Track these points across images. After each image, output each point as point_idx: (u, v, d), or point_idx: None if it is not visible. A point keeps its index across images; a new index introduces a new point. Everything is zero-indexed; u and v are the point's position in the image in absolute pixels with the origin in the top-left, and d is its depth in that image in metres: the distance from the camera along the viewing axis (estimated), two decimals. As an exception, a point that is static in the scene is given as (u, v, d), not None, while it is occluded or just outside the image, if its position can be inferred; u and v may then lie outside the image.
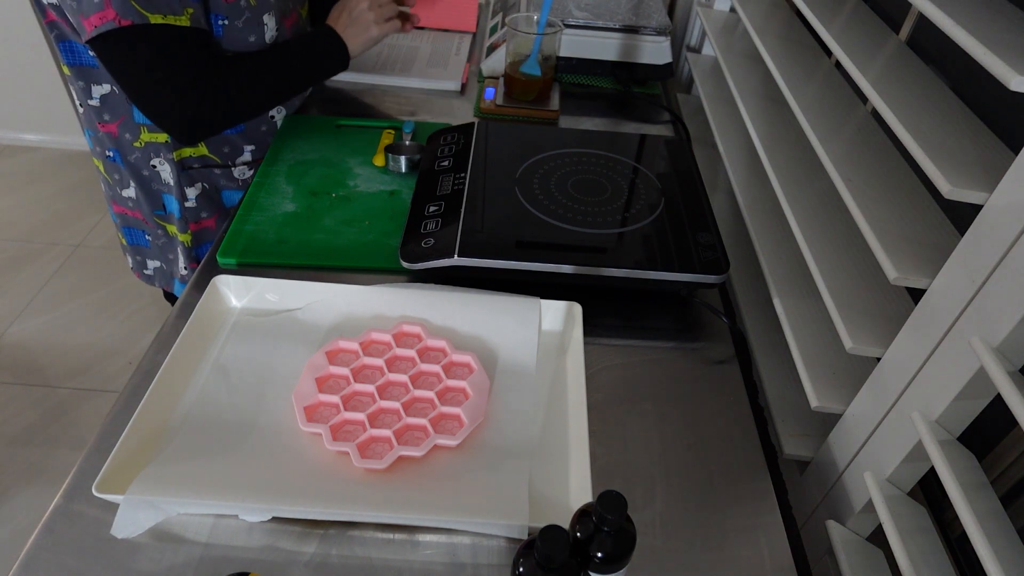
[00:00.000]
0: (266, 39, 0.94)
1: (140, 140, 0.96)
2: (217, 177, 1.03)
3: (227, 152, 1.02)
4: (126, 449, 0.57)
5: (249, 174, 1.05)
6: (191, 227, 1.04)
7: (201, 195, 1.03)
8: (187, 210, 1.03)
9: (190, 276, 1.01)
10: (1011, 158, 0.50)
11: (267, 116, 1.04)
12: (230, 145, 1.02)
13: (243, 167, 1.05)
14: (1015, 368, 0.47)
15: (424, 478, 0.58)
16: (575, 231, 0.80)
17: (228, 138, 1.01)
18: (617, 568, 0.47)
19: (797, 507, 0.71)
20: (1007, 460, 0.60)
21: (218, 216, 1.06)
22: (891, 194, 0.62)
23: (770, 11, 0.97)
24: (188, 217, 1.03)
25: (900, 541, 0.54)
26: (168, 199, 1.03)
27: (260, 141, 1.05)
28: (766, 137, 0.84)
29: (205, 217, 1.05)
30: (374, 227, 0.86)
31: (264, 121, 1.04)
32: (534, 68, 1.11)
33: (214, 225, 1.06)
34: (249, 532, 0.56)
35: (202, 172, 1.02)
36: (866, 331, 0.60)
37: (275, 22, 0.95)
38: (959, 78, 0.68)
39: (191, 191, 1.02)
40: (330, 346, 0.67)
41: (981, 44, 0.48)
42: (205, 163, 1.01)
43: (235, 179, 1.05)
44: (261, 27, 0.93)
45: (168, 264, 1.10)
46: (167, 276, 1.12)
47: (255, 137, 1.04)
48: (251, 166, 1.05)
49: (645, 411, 0.68)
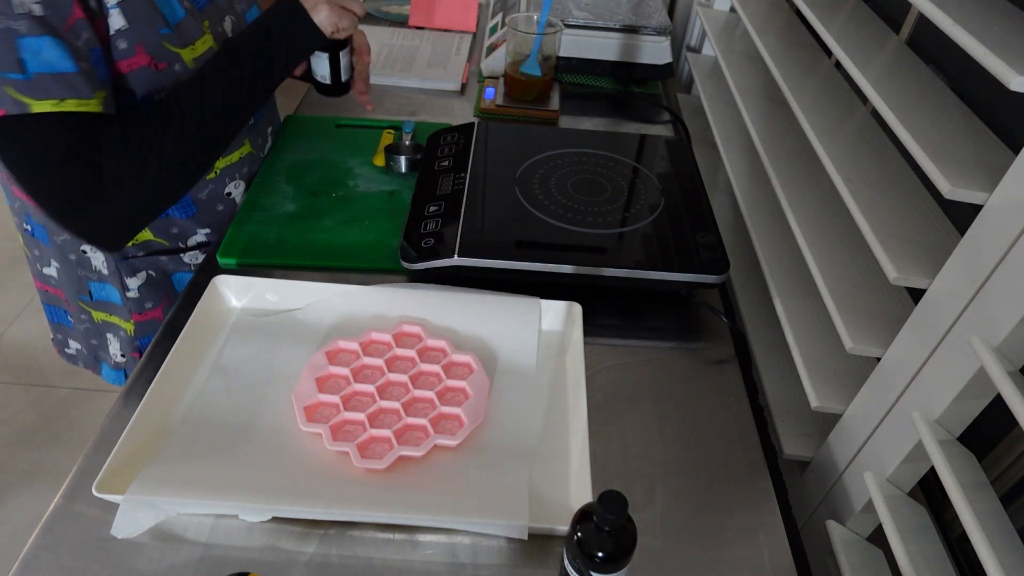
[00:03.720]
0: None
1: None
2: (165, 263, 0.87)
3: (176, 234, 0.85)
4: (126, 449, 0.57)
5: (202, 258, 0.84)
6: (135, 317, 0.88)
7: (145, 284, 0.87)
8: (129, 300, 0.87)
9: (129, 366, 0.91)
10: (1011, 158, 0.50)
11: (222, 194, 0.87)
12: (179, 227, 0.85)
13: (195, 251, 0.88)
14: (1015, 368, 0.47)
15: (424, 478, 0.58)
16: (575, 231, 0.80)
17: (176, 221, 0.84)
18: (618, 568, 0.47)
19: (797, 507, 0.71)
20: (1007, 460, 0.60)
21: (166, 304, 0.89)
22: (891, 194, 0.62)
23: (770, 11, 0.97)
24: (131, 308, 0.88)
25: (900, 541, 0.54)
26: (96, 287, 0.87)
27: (216, 223, 0.87)
28: (766, 137, 0.84)
29: (150, 308, 0.88)
30: (374, 227, 0.86)
31: (219, 199, 0.87)
32: (534, 68, 1.11)
33: (161, 315, 0.89)
34: (249, 532, 0.56)
35: (146, 260, 0.86)
36: (866, 331, 0.60)
37: None
38: (959, 78, 0.68)
39: (133, 280, 0.86)
40: (330, 346, 0.67)
41: (981, 44, 0.48)
42: (150, 249, 0.85)
43: (186, 264, 0.88)
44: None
45: (92, 349, 0.95)
46: (91, 359, 0.97)
47: (210, 219, 0.87)
48: (204, 249, 0.88)
49: (645, 411, 0.68)
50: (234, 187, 0.89)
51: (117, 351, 0.93)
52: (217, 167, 0.85)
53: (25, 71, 0.62)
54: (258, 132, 0.93)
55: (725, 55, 1.04)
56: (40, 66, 0.63)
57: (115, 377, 0.96)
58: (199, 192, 0.85)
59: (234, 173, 0.88)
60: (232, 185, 0.89)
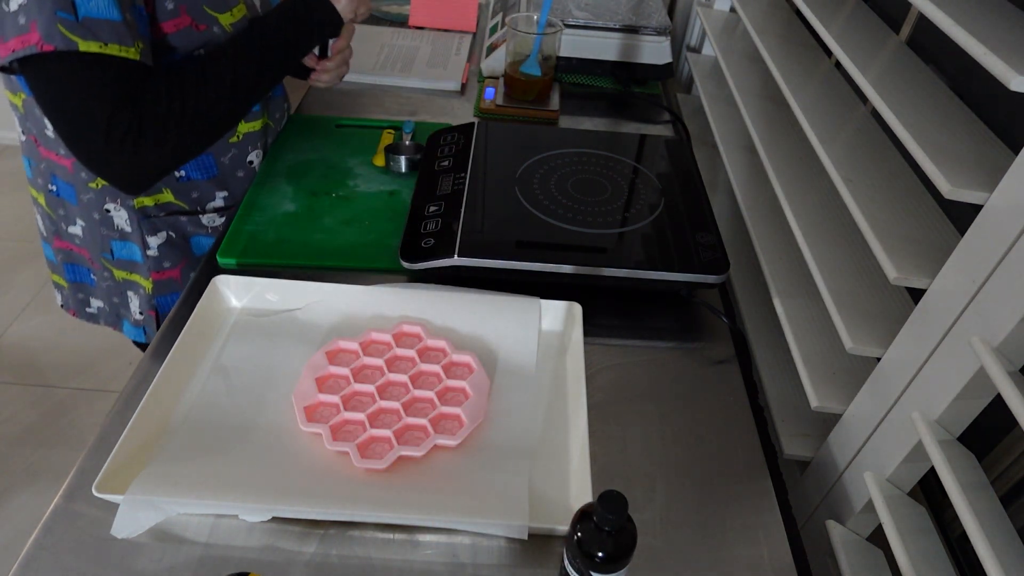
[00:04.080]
0: None
1: (97, 182, 0.86)
2: (184, 224, 0.92)
3: (195, 198, 0.91)
4: (126, 449, 0.57)
5: (220, 221, 0.94)
6: (153, 276, 0.93)
7: (165, 244, 0.92)
8: (149, 259, 0.92)
9: (147, 323, 0.96)
10: (1011, 158, 0.50)
11: (244, 161, 0.93)
12: (199, 191, 0.91)
13: (213, 214, 0.94)
14: (1015, 368, 0.47)
15: (424, 478, 0.58)
16: (575, 231, 0.80)
17: (197, 184, 0.90)
18: (618, 568, 0.47)
19: (797, 507, 0.71)
20: (1007, 460, 0.60)
21: (184, 265, 0.95)
22: (891, 194, 0.62)
23: (770, 11, 0.97)
24: (150, 266, 0.92)
25: (900, 541, 0.54)
26: (118, 245, 0.92)
27: (235, 188, 0.94)
28: (766, 137, 0.84)
29: (168, 267, 0.93)
30: (374, 227, 0.86)
31: (240, 165, 0.93)
32: (534, 68, 1.11)
33: (179, 276, 0.95)
34: (249, 532, 0.56)
35: (166, 220, 0.91)
36: (866, 331, 0.60)
37: None
38: (959, 78, 0.68)
39: (153, 239, 0.91)
40: (330, 346, 0.67)
41: (981, 44, 0.48)
42: (169, 210, 0.90)
43: (204, 226, 0.94)
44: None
45: (114, 307, 0.99)
46: (113, 316, 1.01)
47: (229, 183, 0.93)
48: (222, 213, 0.94)
49: (645, 411, 0.68)
50: (255, 156, 0.96)
51: (137, 309, 0.97)
52: (240, 131, 0.92)
53: (76, 13, 0.68)
54: (276, 106, 1.01)
55: (725, 55, 1.04)
56: (89, 11, 0.68)
57: (135, 333, 1.00)
58: (223, 156, 0.91)
59: (256, 141, 0.95)
60: (254, 154, 0.95)
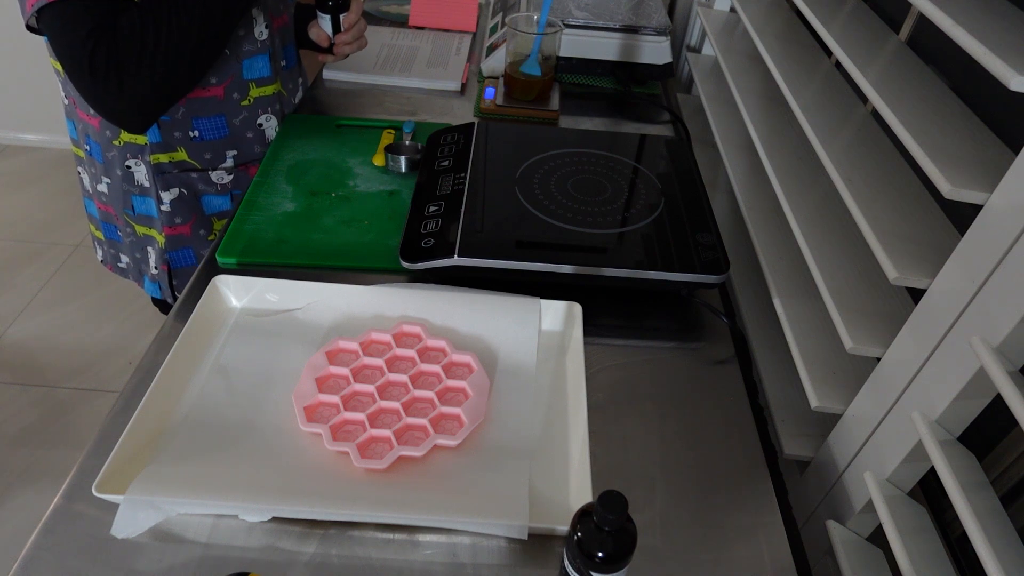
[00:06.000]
0: (255, 34, 0.93)
1: (120, 139, 0.94)
2: (195, 181, 0.99)
3: (208, 159, 0.98)
4: (126, 449, 0.57)
5: (228, 179, 1.00)
6: (166, 231, 1.00)
7: (177, 200, 0.99)
8: (163, 214, 0.99)
9: (161, 277, 1.02)
10: (1011, 158, 0.50)
11: (254, 123, 0.99)
12: (212, 151, 0.97)
13: (222, 172, 1.00)
14: (1015, 368, 0.47)
15: (424, 478, 0.58)
16: (575, 231, 0.80)
17: (210, 143, 0.97)
18: (618, 568, 0.47)
19: (797, 507, 0.71)
20: (1007, 460, 0.60)
21: (194, 222, 1.01)
22: (891, 194, 0.62)
23: (770, 11, 0.97)
24: (164, 221, 0.99)
25: (900, 541, 0.54)
26: (138, 200, 0.99)
27: (245, 147, 1.00)
28: (766, 137, 0.84)
29: (180, 223, 1.00)
30: (374, 227, 0.86)
31: (250, 127, 0.99)
32: (534, 68, 1.11)
33: (189, 232, 1.01)
34: (249, 532, 0.56)
35: (179, 176, 0.98)
36: (866, 331, 0.60)
37: (264, 19, 0.94)
38: (959, 78, 0.68)
39: (166, 195, 0.98)
40: (330, 346, 0.67)
41: (981, 44, 0.48)
42: (182, 167, 0.97)
43: (214, 183, 1.00)
44: (249, 21, 0.92)
45: (136, 262, 1.07)
46: (137, 272, 1.09)
47: (239, 142, 0.99)
48: (231, 171, 1.00)
49: (645, 411, 0.68)
50: (265, 120, 1.01)
51: (153, 264, 1.04)
52: (252, 95, 0.97)
53: None
54: (289, 77, 1.07)
55: (725, 55, 1.04)
56: None
57: (152, 289, 1.07)
58: (234, 118, 0.97)
59: (266, 106, 1.00)
60: (264, 117, 1.00)
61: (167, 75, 0.81)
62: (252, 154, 1.01)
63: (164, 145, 0.94)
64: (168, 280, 1.03)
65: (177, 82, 0.84)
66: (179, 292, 1.02)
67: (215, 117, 0.95)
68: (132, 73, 0.78)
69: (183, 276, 1.04)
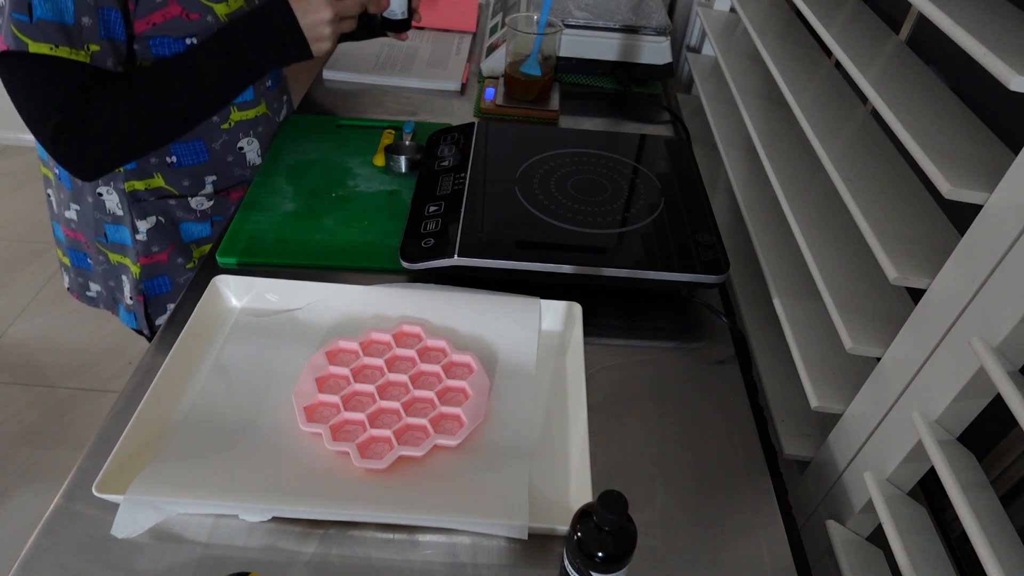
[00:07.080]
0: None
1: None
2: (173, 209, 0.94)
3: (187, 185, 0.93)
4: (126, 449, 0.57)
5: (208, 205, 0.95)
6: (142, 260, 0.94)
7: (154, 228, 0.93)
8: (138, 243, 0.93)
9: (136, 308, 0.97)
10: (1011, 158, 0.50)
11: (235, 147, 0.94)
12: (190, 177, 0.92)
13: (202, 198, 0.95)
14: (1015, 368, 0.47)
15: (424, 478, 0.58)
16: (575, 231, 0.80)
17: (189, 169, 0.91)
18: (618, 568, 0.47)
19: (797, 507, 0.71)
20: (1007, 460, 0.60)
21: (172, 250, 0.96)
22: (891, 194, 0.62)
23: (770, 11, 0.97)
24: (139, 251, 0.94)
25: (900, 541, 0.54)
26: (111, 228, 0.94)
27: (225, 172, 0.95)
28: (766, 137, 0.84)
29: (156, 251, 0.95)
30: (374, 227, 0.86)
31: (231, 151, 0.94)
32: (534, 68, 1.11)
33: (166, 259, 0.96)
34: (249, 532, 0.56)
35: (156, 204, 0.92)
36: (866, 331, 0.60)
37: None
38: (959, 78, 0.68)
39: (143, 224, 0.92)
40: (330, 346, 0.67)
41: (981, 44, 0.48)
42: (159, 194, 0.92)
43: (193, 210, 0.95)
44: None
45: (110, 290, 1.01)
46: (110, 300, 1.03)
47: (219, 167, 0.94)
48: (211, 198, 0.95)
49: (645, 411, 0.68)
50: (247, 143, 0.96)
51: (128, 293, 0.99)
52: (232, 119, 0.93)
53: (31, 14, 0.71)
54: (274, 97, 1.00)
55: (725, 55, 1.04)
56: (44, 13, 0.72)
57: (128, 319, 1.02)
58: (213, 142, 0.92)
59: (248, 129, 0.95)
60: (245, 141, 0.95)
61: (132, 147, 0.80)
62: (232, 179, 0.96)
63: (139, 172, 0.89)
64: (144, 311, 0.98)
65: (141, 152, 0.83)
66: (156, 320, 0.99)
67: (194, 141, 0.90)
68: (94, 143, 0.77)
69: (158, 304, 0.99)
